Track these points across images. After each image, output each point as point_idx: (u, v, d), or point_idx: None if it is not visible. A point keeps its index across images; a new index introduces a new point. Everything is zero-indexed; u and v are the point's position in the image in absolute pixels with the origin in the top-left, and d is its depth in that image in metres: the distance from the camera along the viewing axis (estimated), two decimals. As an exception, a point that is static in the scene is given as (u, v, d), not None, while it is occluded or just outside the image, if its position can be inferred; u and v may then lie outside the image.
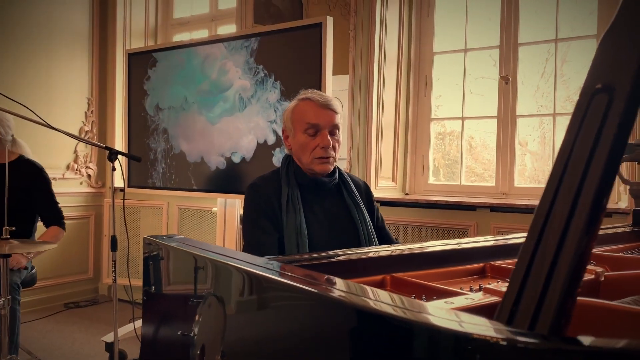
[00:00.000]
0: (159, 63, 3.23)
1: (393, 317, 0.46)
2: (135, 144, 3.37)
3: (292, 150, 1.67)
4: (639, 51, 0.39)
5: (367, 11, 3.21)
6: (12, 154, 2.70)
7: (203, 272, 0.90)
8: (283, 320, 0.66)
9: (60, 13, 4.08)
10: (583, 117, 0.40)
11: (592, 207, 0.37)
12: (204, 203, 3.81)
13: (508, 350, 0.37)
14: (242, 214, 3.19)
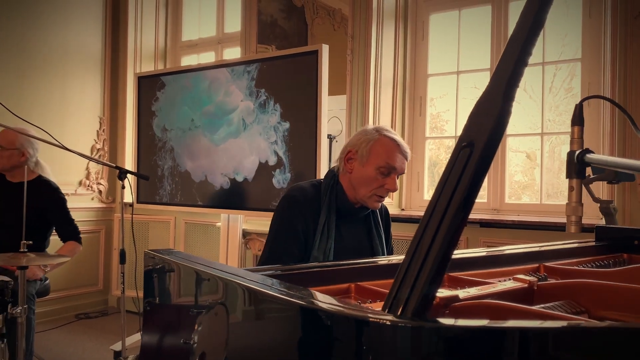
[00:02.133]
0: (167, 86, 3.42)
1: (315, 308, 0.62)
2: (144, 162, 3.55)
3: (353, 175, 1.64)
4: (493, 118, 0.53)
5: (364, 36, 3.39)
6: (31, 174, 2.87)
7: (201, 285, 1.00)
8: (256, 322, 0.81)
9: (74, 38, 4.31)
10: (453, 163, 0.55)
11: (450, 228, 0.52)
12: (209, 218, 3.97)
13: (378, 326, 0.52)
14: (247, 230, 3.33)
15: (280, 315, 0.69)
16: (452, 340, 0.52)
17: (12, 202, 2.76)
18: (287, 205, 1.65)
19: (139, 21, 4.64)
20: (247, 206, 3.07)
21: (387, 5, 3.47)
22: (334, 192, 1.66)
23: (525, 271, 1.28)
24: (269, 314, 0.72)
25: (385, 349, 0.51)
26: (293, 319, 0.66)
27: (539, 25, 0.65)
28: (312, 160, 2.73)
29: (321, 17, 4.18)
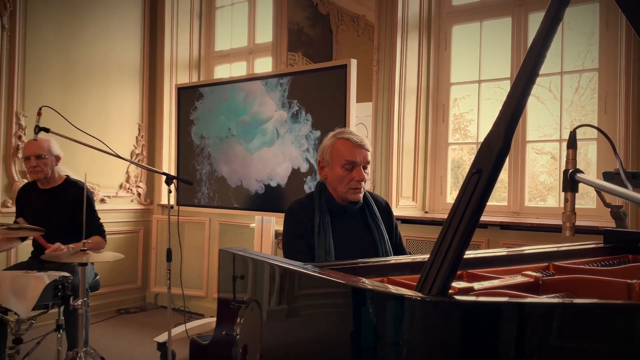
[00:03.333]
0: (205, 97, 3.66)
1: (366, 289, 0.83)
2: (183, 167, 3.80)
3: (328, 179, 1.95)
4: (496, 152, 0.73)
5: (389, 48, 3.58)
6: (59, 178, 3.11)
7: (275, 277, 1.15)
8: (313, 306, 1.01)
9: (115, 50, 4.60)
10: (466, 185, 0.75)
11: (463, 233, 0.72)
12: (242, 219, 4.21)
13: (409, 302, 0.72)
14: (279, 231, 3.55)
15: (341, 296, 0.89)
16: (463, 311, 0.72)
17: (53, 205, 3.00)
18: (288, 217, 1.96)
19: (174, 33, 4.91)
20: (280, 209, 3.28)
21: (412, 18, 3.66)
22: (323, 196, 1.95)
23: (535, 269, 1.46)
24: (333, 298, 0.92)
25: (416, 319, 0.71)
26: (350, 298, 0.86)
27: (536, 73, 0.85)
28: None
29: (345, 24, 4.37)
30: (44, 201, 2.97)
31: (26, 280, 2.50)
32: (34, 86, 4.06)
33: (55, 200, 2.98)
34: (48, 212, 2.89)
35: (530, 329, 0.72)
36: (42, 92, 4.10)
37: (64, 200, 2.98)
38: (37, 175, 2.95)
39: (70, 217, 2.94)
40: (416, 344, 0.73)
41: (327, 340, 0.94)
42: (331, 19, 4.41)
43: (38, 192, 3.02)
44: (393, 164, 3.53)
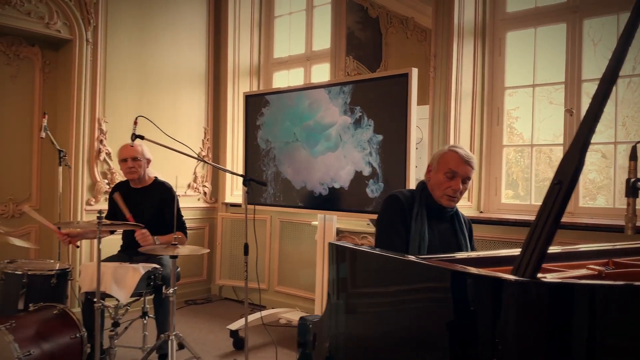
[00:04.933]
0: (271, 103, 3.93)
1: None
2: (250, 168, 4.08)
3: (430, 181, 2.18)
4: (573, 166, 0.92)
5: (445, 54, 3.75)
6: (149, 178, 3.44)
7: (387, 268, 1.34)
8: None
9: (184, 59, 4.94)
10: (549, 194, 0.95)
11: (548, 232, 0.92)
12: (302, 217, 4.47)
13: (508, 284, 0.94)
14: (340, 228, 3.71)
15: (448, 281, 1.10)
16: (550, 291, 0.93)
17: (143, 203, 3.33)
18: (390, 202, 2.18)
19: (236, 42, 5.22)
20: (342, 208, 3.52)
21: (467, 25, 3.81)
22: (424, 193, 2.18)
23: (596, 264, 1.63)
24: (439, 283, 1.13)
25: (512, 298, 0.92)
26: (463, 282, 1.08)
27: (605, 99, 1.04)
28: (402, 172, 3.13)
29: (394, 26, 4.55)
30: (135, 199, 3.31)
31: (125, 270, 2.83)
32: (113, 94, 4.44)
33: (145, 199, 3.31)
34: (138, 209, 3.21)
35: (604, 309, 0.91)
36: (119, 99, 4.48)
37: (152, 198, 3.31)
38: (133, 176, 3.30)
39: (157, 214, 3.26)
40: (511, 319, 0.94)
41: (433, 323, 1.13)
42: (381, 22, 4.59)
43: (130, 190, 3.37)
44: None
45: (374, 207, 3.29)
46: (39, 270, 2.89)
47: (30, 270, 2.85)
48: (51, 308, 2.74)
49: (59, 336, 2.62)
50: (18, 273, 2.82)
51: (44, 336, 2.55)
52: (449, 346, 1.07)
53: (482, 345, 0.97)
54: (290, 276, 4.71)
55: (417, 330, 1.17)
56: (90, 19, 4.26)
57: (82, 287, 2.83)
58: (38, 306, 2.75)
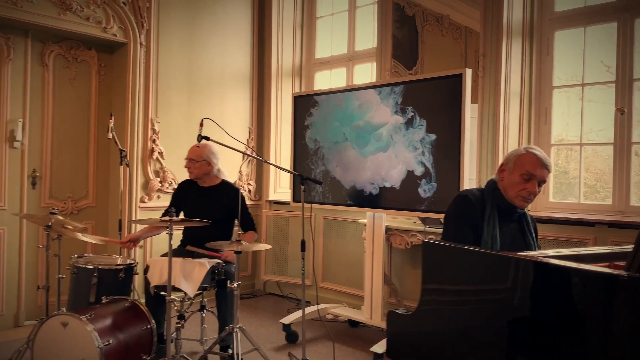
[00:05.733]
0: (320, 104, 4.02)
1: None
2: (298, 167, 4.18)
3: (504, 181, 2.15)
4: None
5: (494, 54, 3.79)
6: (217, 179, 3.58)
7: (491, 266, 1.40)
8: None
9: (229, 60, 5.07)
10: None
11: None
12: (347, 215, 4.55)
13: (620, 280, 1.01)
14: (389, 226, 3.75)
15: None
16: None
17: (208, 203, 3.48)
18: (460, 202, 2.19)
19: (279, 43, 5.33)
20: (392, 207, 3.59)
21: (515, 25, 3.84)
22: (495, 193, 2.18)
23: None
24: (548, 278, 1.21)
25: (622, 292, 0.99)
26: (574, 280, 1.15)
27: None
28: (455, 171, 3.18)
29: (430, 24, 4.59)
30: (200, 197, 3.47)
31: (192, 265, 2.96)
32: (164, 95, 4.59)
33: (210, 198, 3.46)
34: (204, 207, 3.36)
35: None
36: (170, 99, 4.63)
37: (218, 198, 3.46)
38: (190, 175, 3.47)
39: (224, 213, 3.41)
40: (624, 317, 1.02)
41: (533, 319, 1.19)
42: (417, 20, 4.64)
43: (196, 188, 3.52)
44: (498, 163, 3.73)
45: (426, 206, 3.36)
46: (108, 265, 3.04)
47: (100, 265, 3.00)
48: (122, 301, 2.88)
49: (132, 327, 2.76)
50: (89, 267, 2.97)
51: (119, 327, 2.69)
52: (550, 343, 1.14)
53: (591, 345, 1.04)
54: (334, 272, 4.80)
55: (516, 327, 1.24)
56: (143, 23, 4.41)
57: (152, 281, 2.97)
58: (110, 299, 2.89)
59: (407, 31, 4.70)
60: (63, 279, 3.10)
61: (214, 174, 3.52)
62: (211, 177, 3.54)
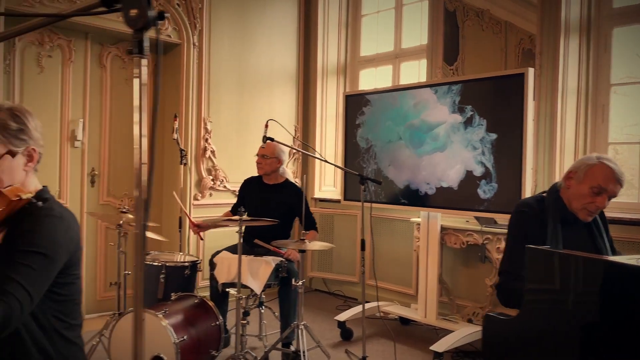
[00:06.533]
0: (372, 103, 4.04)
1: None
2: (349, 165, 4.21)
3: (569, 190, 2.04)
4: None
5: (552, 52, 3.75)
6: (282, 177, 3.65)
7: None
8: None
9: (277, 59, 5.12)
10: None
11: None
12: (396, 213, 4.56)
13: None
14: (444, 225, 3.68)
15: None
16: None
17: (271, 200, 3.54)
18: (518, 218, 2.12)
19: (325, 42, 5.36)
20: (447, 206, 3.58)
21: (573, 22, 3.79)
22: (557, 205, 2.07)
23: None
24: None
25: None
26: None
27: None
28: (517, 172, 3.16)
29: (471, 19, 4.56)
30: (264, 194, 3.54)
31: (258, 263, 3.02)
32: (216, 94, 4.67)
33: (274, 195, 3.53)
34: (266, 204, 3.43)
35: None
36: (221, 99, 4.70)
37: (281, 196, 3.52)
38: (259, 171, 3.57)
39: (285, 211, 3.46)
40: None
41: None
42: (457, 15, 4.61)
43: (262, 185, 3.60)
44: (556, 163, 3.71)
45: (485, 207, 3.35)
46: (174, 262, 3.12)
47: (167, 262, 3.08)
48: (191, 297, 2.96)
49: (202, 323, 2.83)
50: (157, 264, 3.05)
51: (191, 323, 2.77)
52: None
53: None
54: (383, 270, 4.82)
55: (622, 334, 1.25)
56: (196, 24, 4.49)
57: (219, 279, 3.04)
58: (178, 295, 2.98)
59: (448, 27, 4.68)
60: (128, 275, 3.20)
61: (279, 173, 3.59)
62: (277, 175, 3.61)
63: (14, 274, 1.29)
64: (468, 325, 3.67)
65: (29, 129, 1.46)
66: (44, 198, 1.45)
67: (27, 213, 1.40)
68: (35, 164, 1.50)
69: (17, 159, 1.44)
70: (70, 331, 1.46)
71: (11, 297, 1.26)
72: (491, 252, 3.68)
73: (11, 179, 1.42)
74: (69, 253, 1.43)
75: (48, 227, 1.38)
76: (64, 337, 1.44)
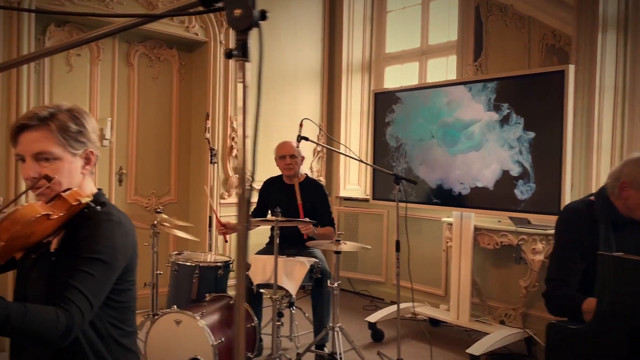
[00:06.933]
0: (403, 100, 3.98)
1: None
2: (378, 164, 4.15)
3: (629, 201, 1.97)
4: None
5: (589, 49, 3.65)
6: (302, 176, 3.60)
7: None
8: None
9: (302, 57, 5.08)
10: None
11: None
12: (425, 213, 4.49)
13: None
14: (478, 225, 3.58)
15: None
16: None
17: (295, 199, 3.49)
18: (565, 226, 2.06)
19: (350, 39, 5.30)
20: (482, 206, 3.51)
21: (610, 18, 3.69)
22: (608, 209, 1.99)
23: None
24: None
25: None
26: None
27: None
28: (556, 173, 3.08)
29: (494, 14, 4.47)
30: (287, 194, 3.49)
31: (293, 264, 2.98)
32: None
33: (297, 194, 3.47)
34: (290, 204, 3.38)
35: None
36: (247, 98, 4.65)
37: (304, 195, 3.47)
38: (290, 172, 3.48)
39: (309, 209, 3.42)
40: None
41: None
42: (481, 10, 4.53)
43: (284, 185, 3.55)
44: (592, 163, 3.62)
45: (522, 208, 3.28)
46: (207, 262, 3.09)
47: (201, 262, 3.05)
48: (225, 298, 2.93)
49: (238, 325, 2.80)
50: (190, 265, 3.03)
51: (228, 325, 2.74)
52: None
53: None
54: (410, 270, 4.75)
55: None
56: (222, 21, 4.44)
57: (254, 280, 3.01)
58: (212, 296, 2.95)
59: (472, 22, 4.61)
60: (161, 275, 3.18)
61: (301, 171, 3.55)
62: (299, 173, 3.57)
63: (74, 281, 1.26)
64: (503, 327, 3.61)
65: (87, 131, 1.43)
66: (102, 202, 1.42)
67: (86, 217, 1.37)
68: (92, 167, 1.46)
69: (75, 161, 1.40)
70: (125, 338, 1.43)
71: (73, 305, 1.23)
72: (526, 253, 3.61)
73: (70, 182, 1.39)
74: (127, 259, 1.40)
75: (107, 232, 1.35)
76: (120, 344, 1.41)
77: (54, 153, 1.36)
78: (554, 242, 2.13)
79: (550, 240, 3.55)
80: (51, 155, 1.36)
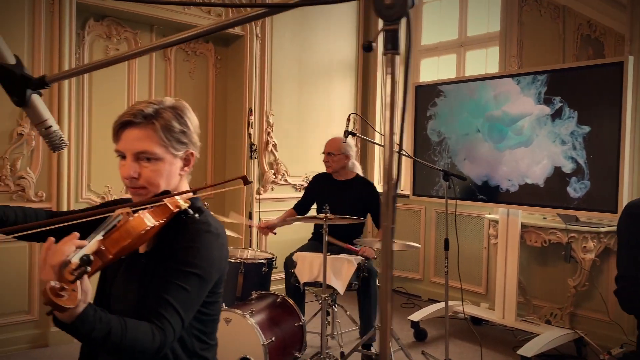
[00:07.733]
0: (447, 94, 3.87)
1: None
2: (419, 158, 4.06)
3: None
4: None
5: (643, 39, 3.50)
6: (351, 173, 3.54)
7: None
8: None
9: (337, 49, 4.99)
10: None
11: None
12: (467, 209, 4.38)
13: None
14: (525, 223, 3.47)
15: None
16: None
17: (342, 196, 3.44)
18: (629, 222, 1.98)
19: (386, 30, 5.18)
20: (532, 203, 3.39)
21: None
22: None
23: None
24: None
25: None
26: None
27: None
28: (613, 169, 2.96)
29: (529, 4, 4.32)
30: (336, 191, 3.43)
31: (341, 262, 2.92)
32: (277, 87, 4.57)
33: (346, 192, 3.41)
34: (339, 201, 3.32)
35: None
36: (282, 91, 4.60)
37: (353, 192, 3.41)
38: (327, 169, 3.44)
39: (358, 208, 3.35)
40: None
41: None
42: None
43: (332, 182, 3.49)
44: (648, 158, 3.48)
45: (576, 205, 3.16)
46: (251, 259, 3.05)
47: (245, 259, 3.01)
48: (272, 296, 2.88)
49: (286, 324, 2.76)
50: (235, 262, 2.99)
51: (276, 323, 2.69)
52: None
53: None
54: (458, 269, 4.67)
55: None
56: (258, 14, 4.38)
57: (301, 278, 2.96)
58: (258, 294, 2.91)
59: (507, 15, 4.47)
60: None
61: (349, 168, 3.47)
62: (347, 170, 3.50)
63: (169, 295, 1.19)
64: (551, 327, 3.50)
65: (190, 131, 1.34)
66: (198, 207, 1.34)
67: (183, 224, 1.28)
68: (190, 169, 1.39)
69: (176, 162, 1.33)
70: (208, 352, 1.37)
71: (166, 323, 1.17)
72: (577, 252, 3.49)
73: (167, 184, 1.32)
74: (220, 272, 1.33)
75: (206, 245, 1.27)
76: (204, 359, 1.35)
77: (156, 153, 1.28)
78: (618, 239, 2.06)
79: (602, 239, 3.43)
80: (153, 156, 1.28)
